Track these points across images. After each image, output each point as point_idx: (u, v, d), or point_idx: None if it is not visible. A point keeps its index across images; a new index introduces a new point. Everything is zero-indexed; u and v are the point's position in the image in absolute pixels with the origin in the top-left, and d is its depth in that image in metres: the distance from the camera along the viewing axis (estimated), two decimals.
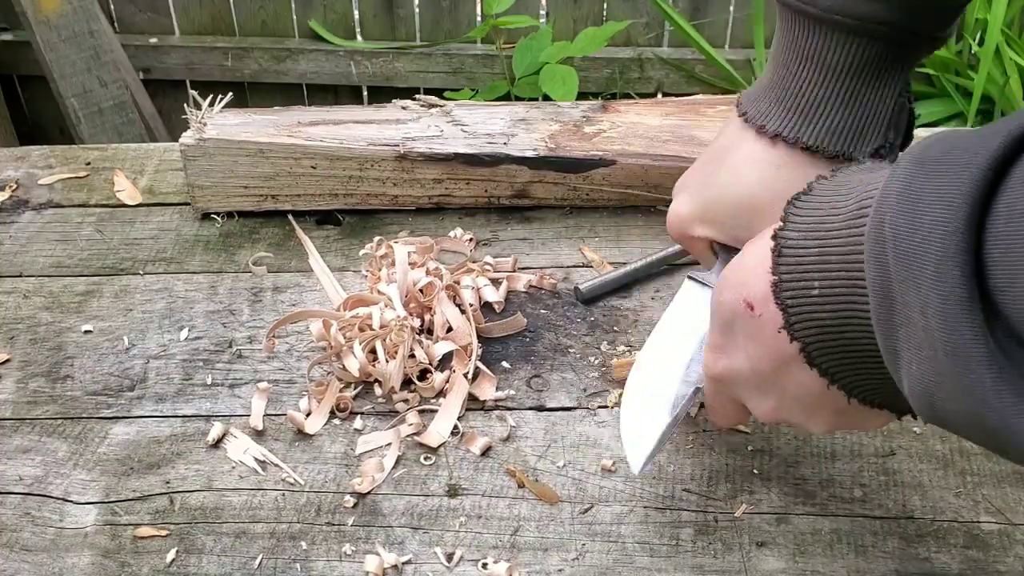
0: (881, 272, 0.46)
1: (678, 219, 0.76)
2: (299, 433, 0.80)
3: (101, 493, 0.76)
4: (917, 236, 0.44)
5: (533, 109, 1.05)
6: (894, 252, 0.45)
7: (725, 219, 0.73)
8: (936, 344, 0.43)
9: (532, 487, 0.76)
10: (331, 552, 0.72)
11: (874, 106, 0.69)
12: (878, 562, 0.70)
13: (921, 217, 0.44)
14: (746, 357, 0.61)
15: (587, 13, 2.37)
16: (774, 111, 0.70)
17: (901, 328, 0.46)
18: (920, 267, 0.43)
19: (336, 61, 2.41)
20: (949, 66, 2.16)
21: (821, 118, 0.69)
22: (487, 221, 1.01)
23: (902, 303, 0.45)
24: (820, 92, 0.68)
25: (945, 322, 0.42)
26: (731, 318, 0.61)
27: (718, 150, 0.73)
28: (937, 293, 0.43)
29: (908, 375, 0.46)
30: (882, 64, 0.67)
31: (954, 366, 0.43)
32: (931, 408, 0.46)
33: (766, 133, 0.70)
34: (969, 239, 0.42)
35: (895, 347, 0.47)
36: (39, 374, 0.86)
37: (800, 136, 0.69)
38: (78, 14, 2.13)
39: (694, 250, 0.78)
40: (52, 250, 0.99)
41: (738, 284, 0.60)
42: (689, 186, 0.76)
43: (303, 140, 0.98)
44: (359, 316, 0.85)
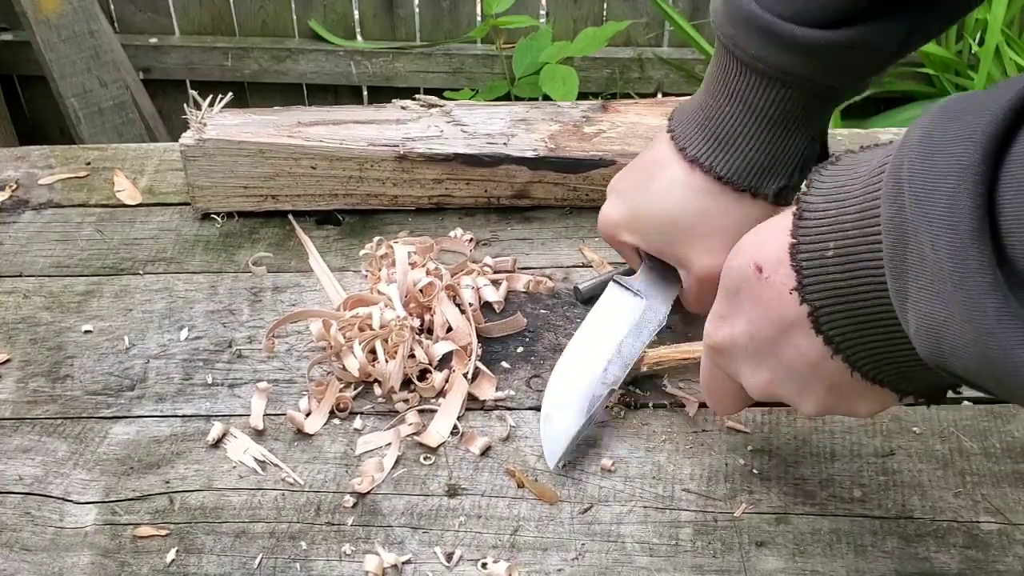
0: (896, 211, 0.47)
1: (608, 222, 0.82)
2: (299, 433, 0.80)
3: (101, 493, 0.76)
4: (934, 171, 0.45)
5: (533, 109, 1.05)
6: (910, 189, 0.46)
7: (649, 232, 0.79)
8: (944, 275, 0.44)
9: (532, 487, 0.76)
10: (331, 552, 0.72)
11: (785, 148, 0.74)
12: (878, 562, 0.70)
13: (938, 155, 0.45)
14: (748, 323, 0.61)
15: (587, 13, 2.37)
16: (696, 136, 0.75)
17: (912, 267, 0.47)
18: (934, 200, 0.45)
19: (336, 61, 2.41)
20: (949, 66, 2.16)
21: (736, 152, 0.74)
22: (487, 221, 1.01)
23: (914, 240, 0.46)
24: (738, 128, 0.73)
25: (953, 252, 0.44)
26: (738, 282, 0.61)
27: (649, 163, 0.79)
28: (947, 224, 0.44)
29: (915, 313, 0.47)
30: (798, 111, 0.72)
31: (960, 295, 0.44)
32: (936, 345, 0.47)
33: (686, 156, 0.75)
34: (983, 175, 0.43)
35: (904, 287, 0.48)
36: (39, 374, 0.86)
37: (714, 165, 0.74)
38: (78, 14, 2.13)
39: (621, 252, 0.85)
40: (52, 250, 1.00)
41: (750, 246, 0.61)
42: (621, 192, 0.81)
43: (303, 140, 0.98)
44: (359, 316, 0.86)
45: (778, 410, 0.81)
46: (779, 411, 0.81)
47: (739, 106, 0.73)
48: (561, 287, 0.93)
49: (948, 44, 2.17)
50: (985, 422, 0.80)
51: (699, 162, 0.75)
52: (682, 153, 0.76)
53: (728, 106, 0.73)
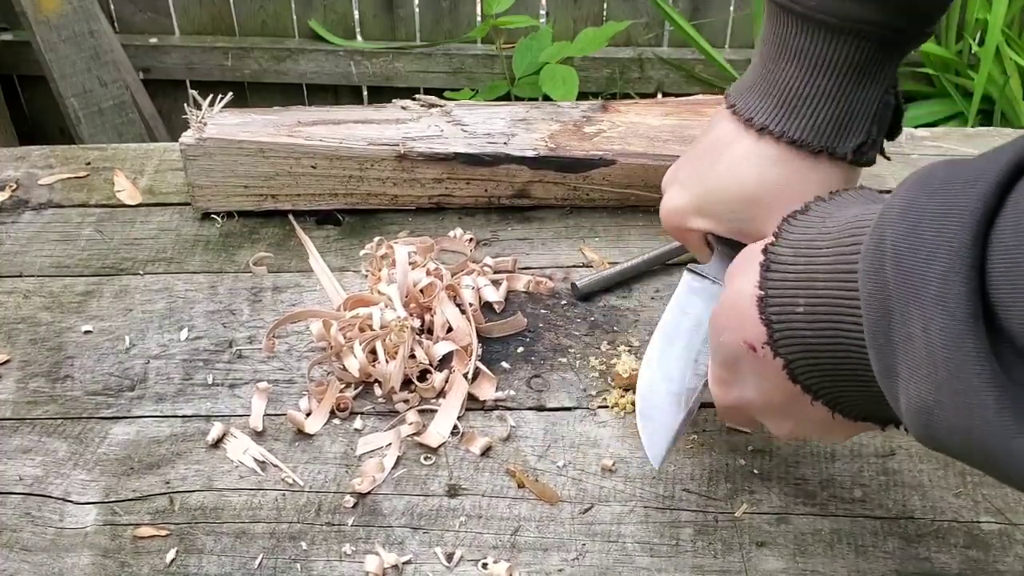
0: (879, 288, 0.46)
1: (674, 212, 0.76)
2: (299, 433, 0.80)
3: (101, 493, 0.76)
4: (921, 252, 0.43)
5: (533, 109, 1.05)
6: (895, 268, 0.44)
7: (724, 213, 0.73)
8: (937, 362, 0.43)
9: (532, 487, 0.76)
10: (331, 552, 0.72)
11: (858, 102, 0.69)
12: (878, 562, 0.70)
13: (924, 233, 0.43)
14: (757, 392, 0.61)
15: (587, 13, 2.37)
16: (761, 105, 0.71)
17: (900, 345, 0.45)
18: (923, 283, 0.43)
19: (336, 61, 2.41)
20: (949, 66, 2.16)
21: (806, 113, 0.69)
22: (487, 221, 1.01)
23: (901, 320, 0.45)
24: (805, 88, 0.69)
25: (948, 339, 0.42)
26: (735, 358, 0.61)
27: (712, 143, 0.74)
28: (941, 310, 0.42)
29: (906, 394, 0.46)
30: (866, 61, 0.68)
31: (955, 384, 0.42)
32: (928, 428, 0.45)
33: (753, 126, 0.71)
34: (975, 255, 0.41)
35: (892, 365, 0.46)
36: (39, 374, 0.86)
37: (786, 130, 0.70)
38: (78, 14, 2.13)
39: (689, 243, 0.79)
40: (52, 250, 0.99)
41: (736, 327, 0.60)
42: (683, 179, 0.76)
43: (303, 140, 0.98)
44: (359, 316, 0.85)
45: None
46: None
47: (803, 64, 0.68)
48: (561, 287, 0.93)
49: (948, 44, 2.17)
50: None
51: (769, 129, 0.70)
52: (748, 124, 0.71)
53: (791, 66, 0.69)
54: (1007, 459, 0.42)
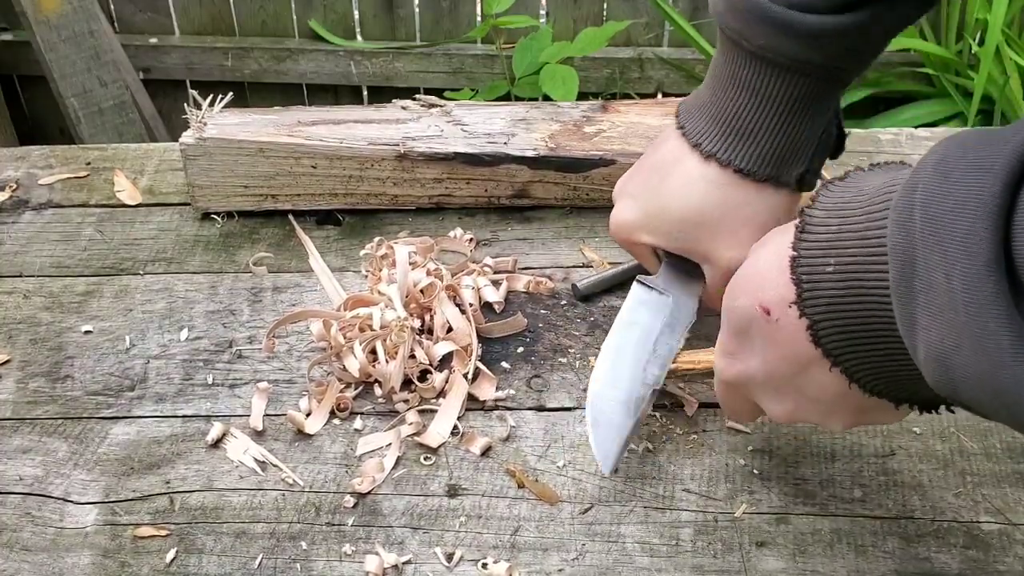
0: (906, 238, 0.47)
1: (623, 226, 0.80)
2: (299, 433, 0.80)
3: (101, 493, 0.76)
4: (950, 200, 0.45)
5: (533, 109, 1.05)
6: (923, 216, 0.46)
7: (670, 231, 0.77)
8: (957, 306, 0.44)
9: (532, 487, 0.76)
10: (331, 552, 0.72)
11: (802, 134, 0.72)
12: (878, 562, 0.70)
13: (956, 183, 0.45)
14: (762, 362, 0.61)
15: (587, 13, 2.37)
16: (709, 130, 0.74)
17: (921, 294, 0.46)
18: (950, 230, 0.44)
19: (336, 61, 2.41)
20: (949, 66, 2.16)
21: (752, 143, 0.72)
22: (487, 221, 1.01)
23: (925, 267, 0.46)
24: (752, 118, 0.72)
25: (968, 282, 0.43)
26: (746, 323, 0.61)
27: (660, 162, 0.77)
28: (964, 253, 0.43)
29: (925, 341, 0.47)
30: (811, 95, 0.71)
31: (974, 327, 0.43)
32: (946, 374, 0.46)
33: (701, 151, 0.74)
34: (1003, 204, 0.43)
35: (913, 314, 0.47)
36: (39, 374, 0.86)
37: (732, 159, 0.73)
38: (78, 14, 2.13)
39: (637, 254, 0.83)
40: (52, 250, 0.99)
41: (753, 289, 0.60)
42: (633, 194, 0.79)
43: (303, 139, 0.98)
44: (359, 316, 0.85)
45: None
46: None
47: (751, 97, 0.71)
48: (561, 287, 0.93)
49: (948, 44, 2.17)
50: (986, 422, 0.80)
51: (716, 157, 0.73)
52: (696, 149, 0.74)
53: (740, 98, 0.72)
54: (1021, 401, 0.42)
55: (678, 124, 0.76)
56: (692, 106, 0.76)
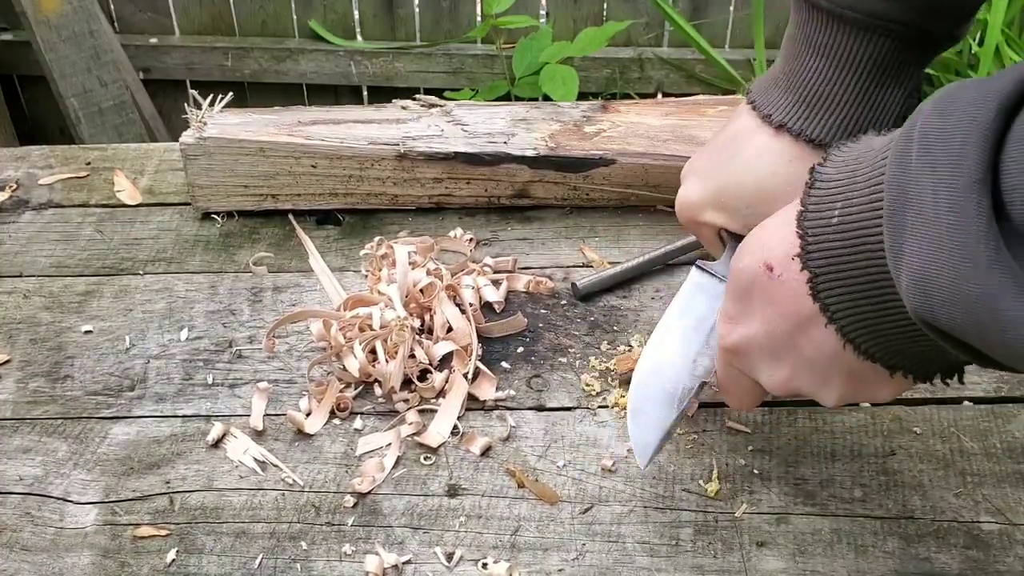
0: (902, 168, 0.47)
1: (688, 204, 0.75)
2: (299, 433, 0.80)
3: (101, 493, 0.76)
4: (946, 125, 0.45)
5: (533, 109, 1.05)
6: (919, 144, 0.46)
7: (738, 207, 0.72)
8: (941, 224, 0.44)
9: (532, 487, 0.76)
10: (331, 552, 0.72)
11: (882, 104, 0.68)
12: (878, 562, 0.70)
13: (952, 113, 0.45)
14: (762, 322, 0.61)
15: (587, 13, 2.36)
16: (782, 101, 0.70)
17: (910, 221, 0.47)
18: (942, 152, 0.45)
19: (336, 61, 2.41)
20: (949, 66, 2.16)
21: (827, 112, 0.69)
22: (487, 221, 1.01)
23: (916, 192, 0.46)
24: (828, 86, 0.68)
25: (953, 197, 0.44)
26: (749, 283, 0.61)
27: (730, 138, 0.73)
28: (952, 171, 0.44)
29: (908, 268, 0.47)
30: (892, 62, 0.67)
31: (954, 242, 0.44)
32: (925, 298, 0.46)
33: (771, 123, 0.70)
34: (993, 131, 0.43)
35: (900, 243, 0.47)
36: (39, 374, 0.86)
37: (804, 129, 0.69)
38: (78, 14, 2.13)
39: (702, 236, 0.78)
40: (52, 250, 0.99)
41: (758, 248, 0.60)
42: (699, 172, 0.75)
43: (303, 139, 0.98)
44: (359, 316, 0.85)
45: (779, 410, 0.81)
46: (780, 411, 0.81)
47: (826, 61, 0.67)
48: (561, 287, 0.93)
49: None
50: (986, 422, 0.80)
51: (787, 127, 0.69)
52: (767, 120, 0.70)
53: (814, 63, 0.68)
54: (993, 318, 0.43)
55: (748, 99, 0.73)
56: (764, 81, 0.73)
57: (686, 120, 1.03)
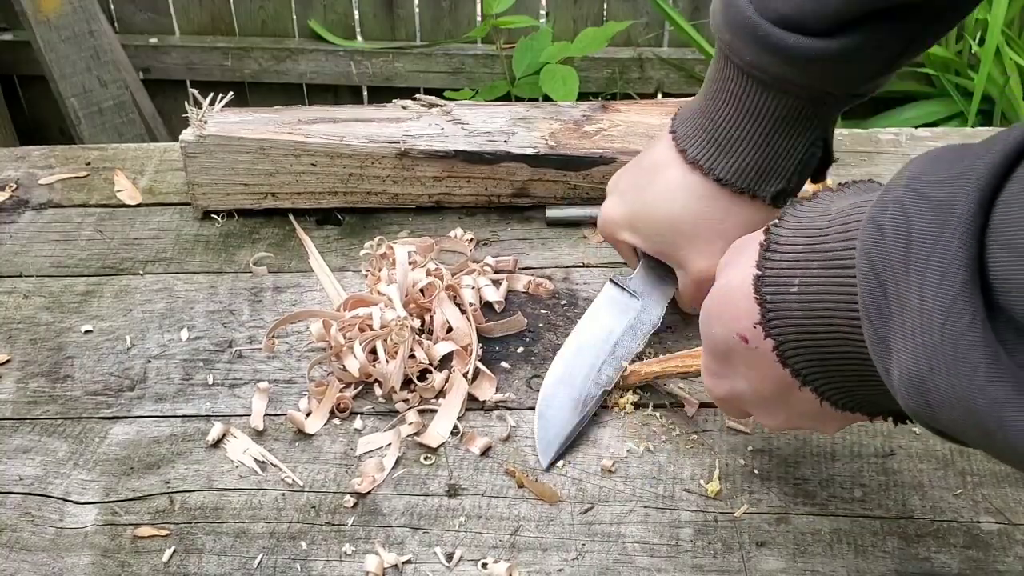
0: (877, 259, 0.46)
1: (608, 221, 0.82)
2: (299, 433, 0.80)
3: (101, 493, 0.76)
4: (922, 219, 0.44)
5: (533, 109, 1.05)
6: (894, 237, 0.45)
7: (648, 233, 0.79)
8: (932, 328, 0.43)
9: (532, 487, 0.76)
10: (331, 552, 0.72)
11: (784, 152, 0.74)
12: (878, 562, 0.70)
13: (927, 202, 0.44)
14: (747, 382, 0.62)
15: (587, 13, 2.36)
16: (697, 138, 0.75)
17: (894, 316, 0.45)
18: (923, 250, 0.43)
19: (336, 61, 2.41)
20: (949, 66, 2.16)
21: (734, 155, 0.74)
22: (487, 221, 1.01)
23: (897, 290, 0.45)
24: (736, 131, 0.73)
25: (943, 303, 0.42)
26: (727, 350, 0.62)
27: (651, 164, 0.79)
28: (938, 274, 0.42)
29: (899, 365, 0.46)
30: (795, 116, 0.72)
31: (949, 350, 0.42)
32: (922, 398, 0.45)
33: (686, 157, 0.75)
34: (976, 224, 0.42)
35: (886, 337, 0.46)
36: (39, 374, 0.86)
37: (713, 168, 0.74)
38: (78, 14, 2.13)
39: (619, 250, 0.86)
40: (52, 250, 0.99)
41: (728, 319, 0.60)
42: (622, 191, 0.81)
43: (303, 137, 0.98)
44: (359, 316, 0.85)
45: None
46: None
47: (737, 110, 0.73)
48: (561, 287, 0.93)
49: (948, 44, 2.17)
50: None
51: (699, 164, 0.75)
52: (683, 155, 0.76)
53: (726, 109, 0.73)
54: (999, 427, 0.42)
55: (672, 127, 0.78)
56: (687, 111, 0.78)
57: None
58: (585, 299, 0.91)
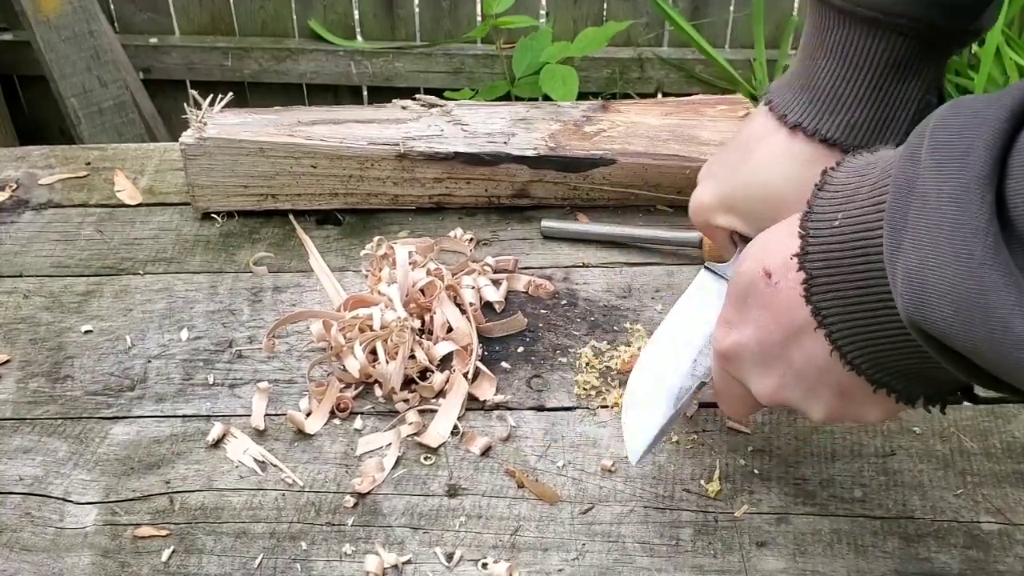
0: (910, 164, 0.47)
1: (701, 207, 0.76)
2: (299, 433, 0.80)
3: (101, 493, 0.76)
4: (956, 125, 0.45)
5: (533, 109, 1.05)
6: (929, 142, 0.46)
7: (749, 211, 0.73)
8: (942, 219, 0.44)
9: (532, 487, 0.76)
10: (331, 552, 0.72)
11: (897, 103, 0.68)
12: (878, 562, 0.70)
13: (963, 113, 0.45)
14: (755, 328, 0.60)
15: (587, 13, 2.36)
16: (797, 101, 0.70)
17: (912, 216, 0.46)
18: (951, 149, 0.45)
19: (336, 61, 2.41)
20: (949, 66, 2.16)
21: (841, 112, 0.68)
22: (487, 221, 1.01)
23: (921, 188, 0.46)
24: (842, 84, 0.68)
25: (956, 193, 0.44)
26: (747, 287, 0.60)
27: (745, 139, 0.73)
28: (958, 167, 0.44)
29: (905, 265, 0.46)
30: (905, 59, 0.66)
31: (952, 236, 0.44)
32: (918, 296, 0.46)
33: (787, 123, 0.70)
34: (1006, 129, 0.43)
35: (899, 239, 0.47)
36: (39, 374, 0.86)
37: (819, 128, 0.69)
38: (78, 14, 2.13)
39: (715, 239, 0.78)
40: (52, 250, 0.99)
41: (759, 253, 0.60)
42: (715, 174, 0.75)
43: (303, 139, 0.98)
44: (359, 317, 0.85)
45: (779, 411, 0.81)
46: (780, 412, 0.81)
47: (841, 60, 0.67)
48: (561, 287, 0.93)
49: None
50: (986, 422, 0.80)
51: (802, 127, 0.69)
52: (783, 120, 0.70)
53: (828, 62, 0.68)
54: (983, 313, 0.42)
55: (766, 100, 0.73)
56: (782, 81, 0.73)
57: (686, 120, 1.03)
58: (585, 299, 0.91)
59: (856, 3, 0.65)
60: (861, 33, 0.66)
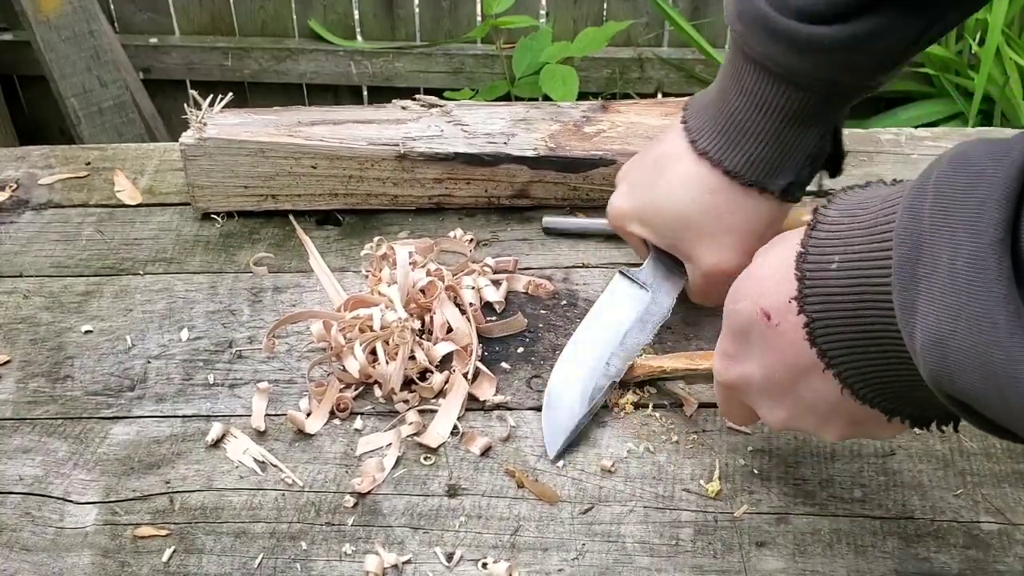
0: (915, 221, 0.47)
1: (618, 213, 0.83)
2: (299, 433, 0.80)
3: (101, 493, 0.76)
4: (961, 184, 0.45)
5: (533, 109, 1.05)
6: (934, 199, 0.46)
7: (660, 226, 0.80)
8: (959, 287, 0.44)
9: (532, 487, 0.76)
10: (331, 552, 0.72)
11: (793, 145, 0.74)
12: (878, 562, 0.70)
13: (970, 168, 0.45)
14: (760, 366, 0.61)
15: (587, 13, 2.36)
16: (707, 129, 0.76)
17: (924, 278, 0.46)
18: (960, 210, 0.45)
19: (336, 61, 2.41)
20: (949, 66, 2.16)
21: (744, 147, 0.74)
22: (487, 221, 1.01)
23: (930, 249, 0.46)
24: (747, 123, 0.74)
25: (972, 261, 0.43)
26: (746, 327, 0.61)
27: (661, 156, 0.79)
28: (971, 233, 0.44)
29: (923, 327, 0.46)
30: (805, 109, 0.72)
31: (972, 306, 0.43)
32: (942, 360, 0.46)
33: (696, 148, 0.76)
34: (1015, 188, 0.43)
35: (913, 299, 0.47)
36: (39, 374, 0.86)
37: (722, 160, 0.75)
38: (78, 14, 2.13)
39: (629, 242, 0.86)
40: (52, 250, 0.99)
41: (754, 294, 0.60)
42: (631, 183, 0.82)
43: (303, 140, 0.98)
44: (359, 317, 0.85)
45: None
46: None
47: (748, 102, 0.73)
48: (561, 287, 0.93)
49: (948, 44, 2.17)
50: None
51: (708, 155, 0.75)
52: (693, 146, 0.76)
53: (738, 102, 0.74)
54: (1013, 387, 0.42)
55: (683, 118, 0.78)
56: (699, 103, 0.78)
57: None
58: (585, 299, 0.91)
59: (765, 58, 0.70)
60: (767, 82, 0.72)
